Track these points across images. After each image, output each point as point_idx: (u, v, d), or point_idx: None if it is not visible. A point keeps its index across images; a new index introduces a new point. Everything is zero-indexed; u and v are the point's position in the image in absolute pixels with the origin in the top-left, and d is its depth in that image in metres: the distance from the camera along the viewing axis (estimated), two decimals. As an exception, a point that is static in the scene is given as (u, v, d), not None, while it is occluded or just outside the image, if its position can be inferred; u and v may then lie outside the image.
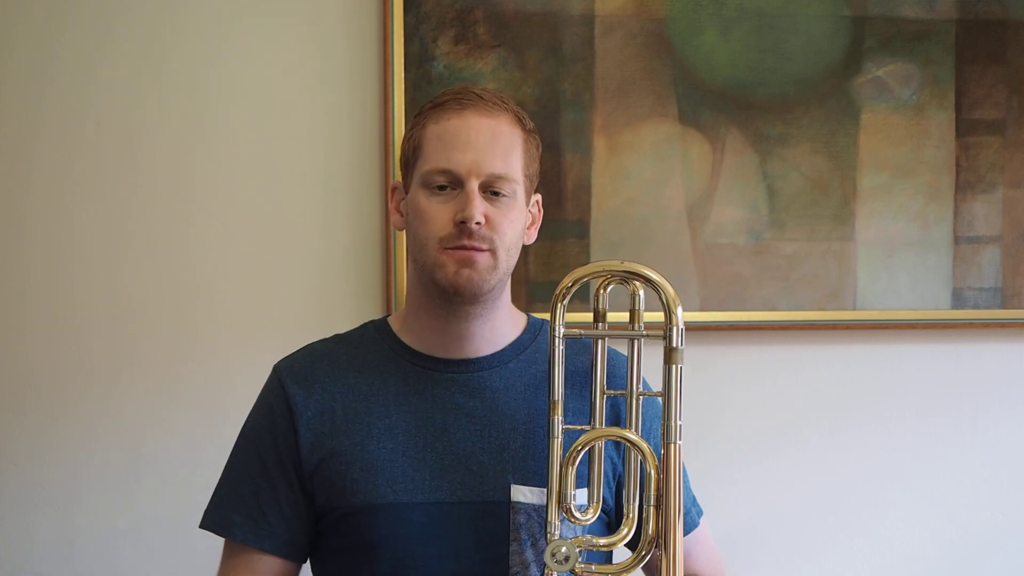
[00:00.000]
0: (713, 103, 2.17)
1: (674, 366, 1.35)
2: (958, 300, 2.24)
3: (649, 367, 1.70)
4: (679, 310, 1.35)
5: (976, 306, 2.24)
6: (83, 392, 2.10)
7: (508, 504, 1.47)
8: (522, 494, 1.46)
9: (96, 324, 2.10)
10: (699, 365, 2.20)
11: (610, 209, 2.16)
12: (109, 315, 2.10)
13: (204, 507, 2.10)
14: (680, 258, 2.18)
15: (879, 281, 2.22)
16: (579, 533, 1.46)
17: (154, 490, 2.11)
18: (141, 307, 2.10)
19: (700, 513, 1.63)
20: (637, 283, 1.44)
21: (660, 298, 1.37)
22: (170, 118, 2.10)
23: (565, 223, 2.15)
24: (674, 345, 1.34)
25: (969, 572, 2.29)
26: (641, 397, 1.51)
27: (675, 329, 1.35)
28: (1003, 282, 2.25)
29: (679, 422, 1.34)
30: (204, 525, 1.55)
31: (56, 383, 2.10)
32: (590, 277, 1.41)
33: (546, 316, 1.57)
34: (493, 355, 1.54)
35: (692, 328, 2.16)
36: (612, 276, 1.43)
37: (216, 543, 1.57)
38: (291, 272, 2.13)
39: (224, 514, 1.53)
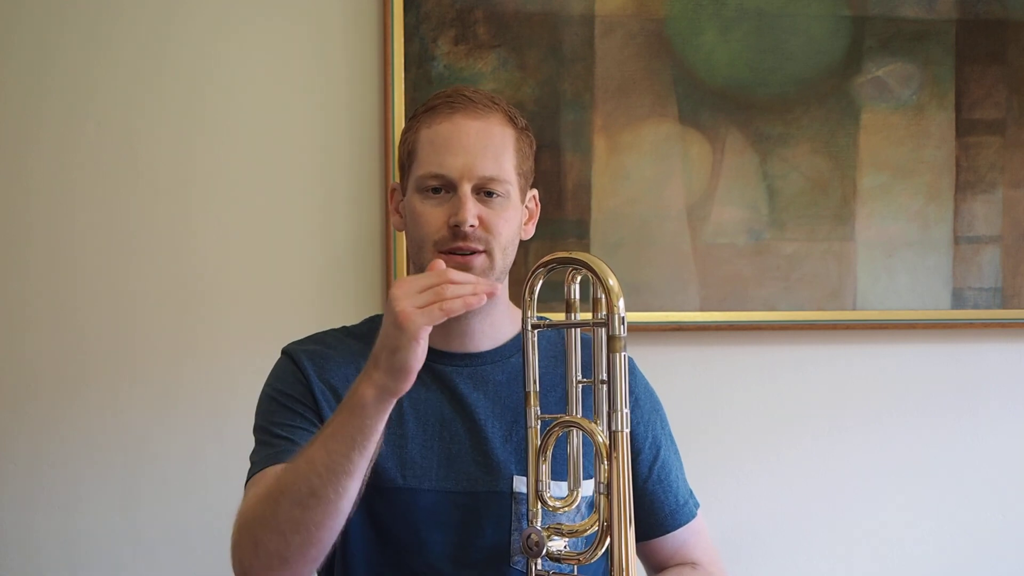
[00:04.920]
0: (713, 103, 2.18)
1: (616, 354, 1.34)
2: (958, 300, 2.24)
3: (650, 364, 1.72)
4: (620, 301, 1.34)
5: (976, 306, 2.24)
6: (84, 392, 2.10)
7: (510, 495, 1.50)
8: (523, 485, 1.48)
9: (97, 324, 2.10)
10: (699, 365, 2.21)
11: (610, 209, 2.16)
12: (110, 315, 2.10)
13: (205, 508, 2.11)
14: (680, 258, 2.18)
15: (879, 281, 2.22)
16: (573, 521, 1.48)
17: (156, 491, 2.11)
18: (141, 307, 2.10)
19: (697, 505, 1.66)
20: (585, 272, 1.41)
21: (601, 286, 1.36)
22: (170, 118, 2.10)
23: (565, 223, 2.15)
24: (616, 333, 1.34)
25: (969, 572, 2.29)
26: (638, 390, 1.56)
27: (616, 318, 1.33)
28: (1003, 282, 2.25)
29: (625, 410, 1.34)
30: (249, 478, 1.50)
31: (57, 383, 2.10)
32: (544, 267, 1.41)
33: (547, 314, 1.58)
34: (495, 350, 1.57)
35: (692, 328, 2.18)
36: (561, 264, 1.41)
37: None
38: (291, 272, 2.13)
39: (265, 464, 1.48)
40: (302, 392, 1.53)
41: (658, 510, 1.60)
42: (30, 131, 2.08)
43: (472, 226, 1.47)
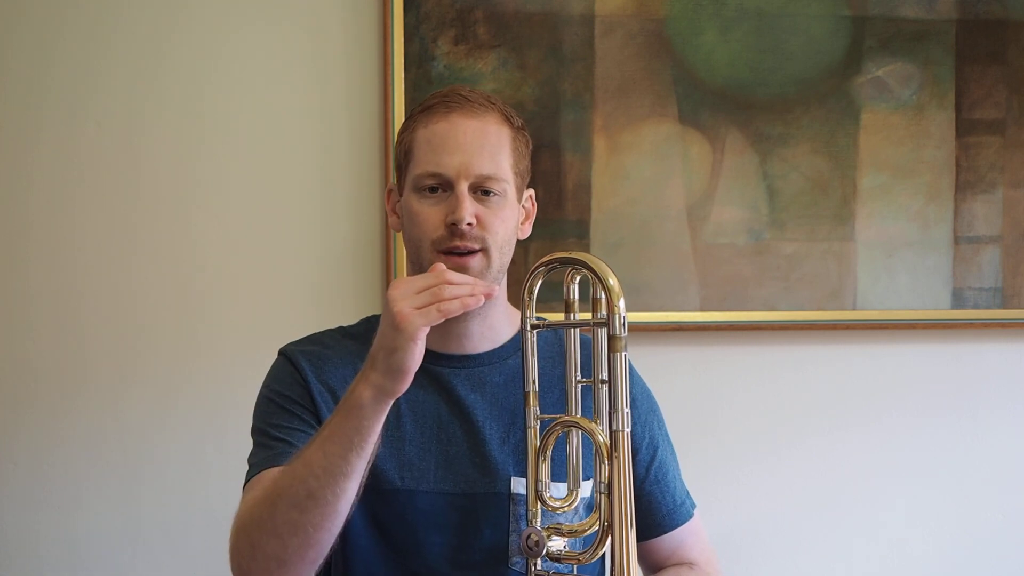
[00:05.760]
0: (713, 103, 2.17)
1: (617, 354, 1.34)
2: (958, 300, 2.24)
3: (650, 364, 1.72)
4: (621, 301, 1.34)
5: (976, 306, 2.24)
6: (84, 392, 2.10)
7: (508, 496, 1.51)
8: (522, 486, 1.49)
9: (97, 324, 2.10)
10: (699, 365, 2.22)
11: (610, 209, 2.16)
12: (110, 316, 2.10)
13: (205, 508, 2.11)
14: (680, 258, 2.18)
15: (879, 281, 2.22)
16: (572, 521, 1.49)
17: (156, 492, 2.11)
18: (142, 307, 2.11)
19: (694, 505, 1.66)
20: (585, 272, 1.41)
21: (601, 286, 1.36)
22: (170, 118, 2.10)
23: (565, 223, 2.15)
24: (617, 333, 1.34)
25: (969, 572, 2.29)
26: (635, 390, 1.56)
27: (617, 317, 1.34)
28: (1003, 282, 2.25)
29: (626, 410, 1.34)
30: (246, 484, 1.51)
31: (58, 383, 2.10)
32: (544, 267, 1.41)
33: (546, 314, 1.58)
34: (492, 351, 1.57)
35: (692, 328, 2.18)
36: (560, 264, 1.41)
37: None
38: (291, 272, 2.13)
39: (262, 467, 1.48)
40: (300, 393, 1.53)
41: (655, 510, 1.60)
42: (30, 131, 2.08)
43: (469, 224, 1.47)
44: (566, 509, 1.45)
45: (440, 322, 1.31)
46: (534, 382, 1.43)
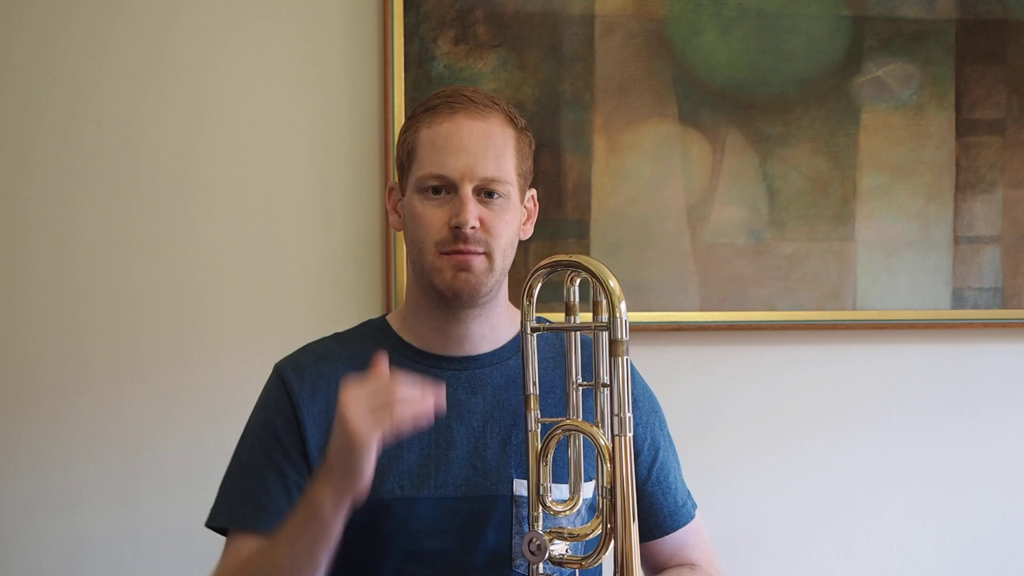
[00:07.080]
0: (713, 103, 2.17)
1: (619, 358, 1.33)
2: (958, 300, 2.24)
3: (650, 365, 1.72)
4: (622, 305, 1.33)
5: (976, 306, 2.24)
6: (84, 392, 2.10)
7: (511, 498, 1.50)
8: (524, 488, 1.48)
9: (97, 324, 2.10)
10: (699, 365, 2.21)
11: (610, 209, 2.16)
12: (110, 315, 2.10)
13: (205, 508, 2.11)
14: (680, 258, 2.18)
15: (879, 281, 2.22)
16: (574, 524, 1.48)
17: (156, 492, 2.11)
18: (142, 307, 2.11)
19: (695, 506, 1.66)
20: (586, 275, 1.41)
21: (602, 290, 1.35)
22: (170, 118, 2.10)
23: (565, 223, 2.15)
24: (618, 337, 1.33)
25: (969, 572, 2.29)
26: (636, 391, 1.56)
27: (619, 321, 1.33)
28: (1003, 282, 2.25)
29: (628, 414, 1.33)
30: (211, 523, 1.55)
31: (58, 384, 2.10)
32: (544, 270, 1.41)
33: (546, 314, 1.58)
34: (493, 352, 1.56)
35: (692, 328, 2.18)
36: (561, 268, 1.41)
37: (216, 546, 1.57)
38: (292, 272, 2.13)
39: (233, 509, 1.53)
40: (283, 425, 1.52)
41: (657, 512, 1.60)
42: (30, 131, 2.08)
43: (473, 228, 1.46)
44: (568, 513, 1.44)
45: (392, 437, 1.33)
46: (535, 385, 1.43)
